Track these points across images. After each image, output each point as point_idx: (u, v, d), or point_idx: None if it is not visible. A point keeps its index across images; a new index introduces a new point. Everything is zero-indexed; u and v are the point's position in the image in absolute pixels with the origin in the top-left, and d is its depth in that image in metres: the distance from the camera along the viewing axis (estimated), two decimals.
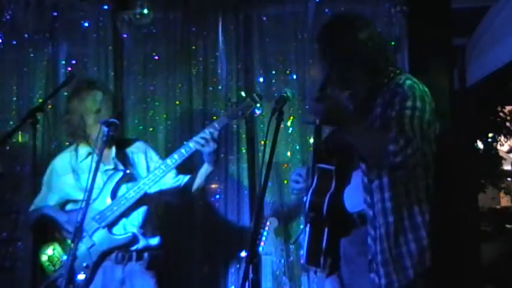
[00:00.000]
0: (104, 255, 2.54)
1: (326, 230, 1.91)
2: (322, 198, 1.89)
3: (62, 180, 2.62)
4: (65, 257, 2.48)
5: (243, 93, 2.86)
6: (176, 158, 2.63)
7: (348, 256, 1.99)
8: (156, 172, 2.60)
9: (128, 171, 2.66)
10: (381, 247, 1.84)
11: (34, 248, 2.57)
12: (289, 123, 3.62)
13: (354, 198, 1.94)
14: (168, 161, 2.62)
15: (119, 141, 2.76)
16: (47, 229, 2.55)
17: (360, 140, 1.78)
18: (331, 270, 2.00)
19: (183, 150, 2.63)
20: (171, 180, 2.79)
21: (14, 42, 3.73)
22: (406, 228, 1.85)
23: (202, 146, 2.60)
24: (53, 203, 2.63)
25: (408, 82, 1.92)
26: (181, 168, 2.85)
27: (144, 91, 3.84)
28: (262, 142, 3.50)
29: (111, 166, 2.66)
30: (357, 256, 1.96)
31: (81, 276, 2.43)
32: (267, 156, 1.80)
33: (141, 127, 3.79)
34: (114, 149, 2.71)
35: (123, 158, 2.73)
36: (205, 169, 2.77)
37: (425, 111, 1.85)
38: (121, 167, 2.67)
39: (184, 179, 2.82)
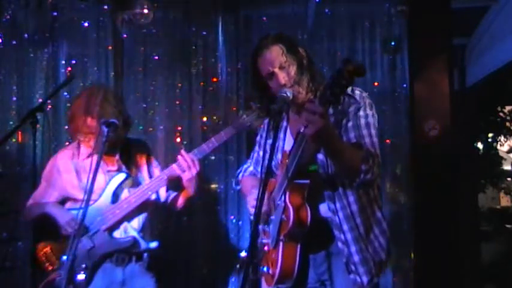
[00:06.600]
0: (104, 258, 2.53)
1: (299, 246, 1.90)
2: (304, 212, 1.88)
3: (63, 178, 2.59)
4: (64, 257, 2.47)
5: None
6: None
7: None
8: (158, 179, 2.59)
9: (131, 174, 2.64)
10: (356, 248, 1.91)
11: (33, 247, 2.56)
12: None
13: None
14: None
15: (124, 141, 2.73)
16: (47, 226, 2.54)
17: (339, 157, 1.80)
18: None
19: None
20: (164, 193, 2.78)
21: (14, 42, 3.73)
22: (372, 225, 1.97)
23: (183, 171, 2.52)
24: (53, 200, 2.62)
25: (358, 92, 1.97)
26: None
27: (144, 91, 3.84)
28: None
29: (115, 167, 2.63)
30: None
31: (81, 277, 2.42)
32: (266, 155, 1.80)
33: (141, 127, 3.79)
34: (118, 149, 2.66)
35: (127, 160, 2.69)
36: (186, 193, 2.70)
37: (374, 116, 1.97)
38: (125, 169, 2.64)
39: (172, 195, 2.79)
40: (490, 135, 7.41)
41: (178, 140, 3.82)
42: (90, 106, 2.48)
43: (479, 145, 7.14)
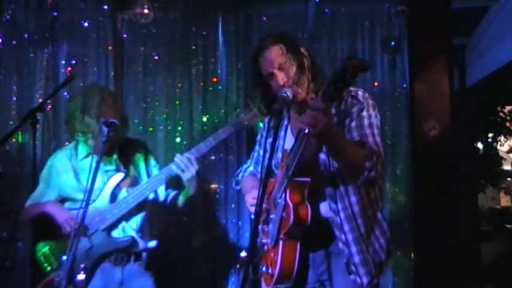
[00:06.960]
0: (102, 257, 2.53)
1: (299, 244, 1.90)
2: (305, 210, 1.88)
3: (62, 178, 2.60)
4: (64, 257, 2.46)
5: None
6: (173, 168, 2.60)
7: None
8: (157, 178, 2.59)
9: (129, 174, 2.65)
10: (357, 248, 1.91)
11: (33, 247, 2.56)
12: None
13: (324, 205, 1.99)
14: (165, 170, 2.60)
15: (122, 141, 2.73)
16: (47, 226, 2.54)
17: (342, 155, 1.80)
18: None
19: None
20: (163, 191, 2.77)
21: (14, 42, 3.74)
22: (373, 226, 1.97)
23: (183, 171, 2.52)
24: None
25: (360, 93, 1.98)
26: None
27: (144, 91, 3.84)
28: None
29: (113, 167, 2.63)
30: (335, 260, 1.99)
31: (81, 277, 2.42)
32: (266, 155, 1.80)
33: (141, 127, 3.79)
34: (116, 149, 2.67)
35: (125, 159, 2.69)
36: (186, 193, 2.70)
37: (377, 117, 1.97)
38: (123, 168, 2.64)
39: (171, 193, 2.79)
40: (490, 135, 7.41)
41: (178, 140, 3.82)
42: (87, 105, 2.48)
43: (479, 145, 7.15)
